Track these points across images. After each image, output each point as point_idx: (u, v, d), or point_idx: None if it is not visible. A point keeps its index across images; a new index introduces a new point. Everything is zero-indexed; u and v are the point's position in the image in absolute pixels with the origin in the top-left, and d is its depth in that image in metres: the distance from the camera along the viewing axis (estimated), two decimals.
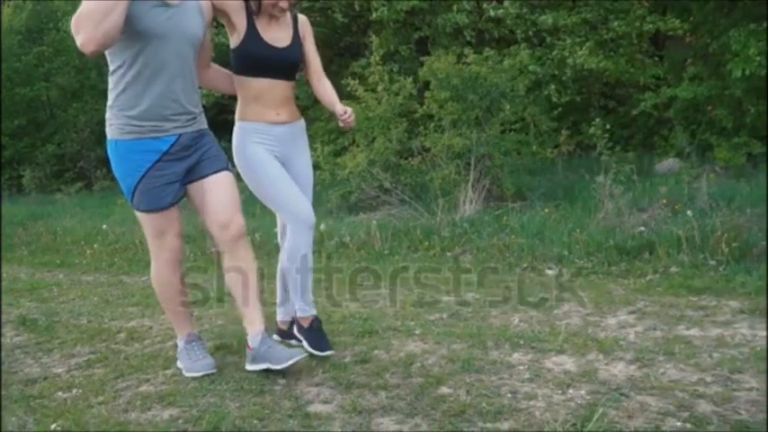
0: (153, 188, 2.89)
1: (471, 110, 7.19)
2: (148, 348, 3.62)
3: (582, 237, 5.19)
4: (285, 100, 3.12)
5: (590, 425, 2.24)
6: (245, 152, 3.08)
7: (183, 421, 2.55)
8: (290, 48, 3.08)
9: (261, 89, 3.05)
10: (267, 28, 3.04)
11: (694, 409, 2.37)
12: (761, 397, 2.44)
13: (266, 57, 3.01)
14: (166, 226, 3.00)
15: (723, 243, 4.47)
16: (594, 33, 10.04)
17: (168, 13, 2.78)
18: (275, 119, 3.09)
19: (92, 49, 2.56)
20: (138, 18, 2.68)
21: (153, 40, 2.74)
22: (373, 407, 2.57)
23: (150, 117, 2.82)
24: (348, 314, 3.91)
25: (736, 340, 3.07)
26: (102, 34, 2.54)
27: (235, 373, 3.04)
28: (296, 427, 2.43)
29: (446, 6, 11.06)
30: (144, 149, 2.85)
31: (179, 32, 2.80)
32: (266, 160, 3.06)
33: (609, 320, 3.55)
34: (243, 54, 3.03)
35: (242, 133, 3.10)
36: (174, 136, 2.90)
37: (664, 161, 9.55)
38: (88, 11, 2.55)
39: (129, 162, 2.88)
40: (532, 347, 3.15)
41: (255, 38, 3.00)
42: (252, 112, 3.09)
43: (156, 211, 2.95)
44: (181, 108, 2.89)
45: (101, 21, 2.53)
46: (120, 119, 2.83)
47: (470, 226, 6.01)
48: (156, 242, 3.04)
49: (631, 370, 2.79)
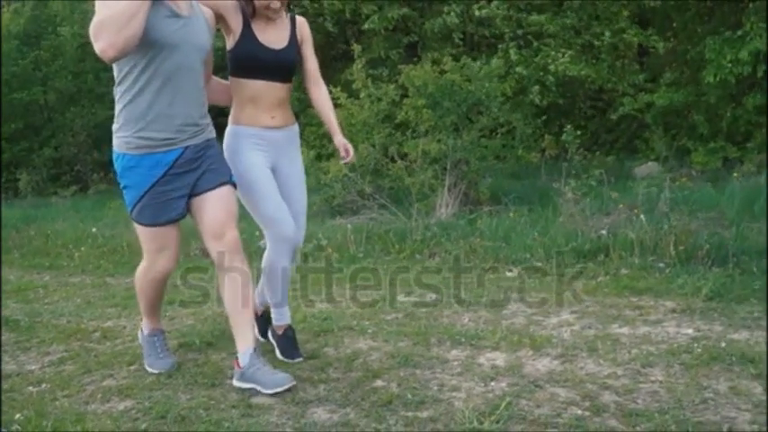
0: (157, 203, 2.90)
1: (447, 116, 7.41)
2: (119, 347, 3.84)
3: (544, 240, 5.41)
4: (280, 102, 3.12)
5: (497, 412, 2.47)
6: (237, 159, 3.08)
7: (136, 411, 2.79)
8: (285, 49, 3.09)
9: (256, 91, 3.06)
10: (263, 29, 3.05)
11: (598, 399, 2.60)
12: (661, 388, 2.67)
13: (261, 58, 3.03)
14: (166, 243, 3.00)
15: (671, 246, 4.69)
16: (578, 38, 10.27)
17: (179, 24, 2.80)
18: (269, 123, 3.09)
19: (112, 55, 2.56)
20: (151, 28, 2.69)
21: (163, 49, 2.75)
22: (311, 398, 2.80)
23: (159, 128, 2.83)
24: (309, 314, 4.14)
25: (659, 338, 3.29)
26: (124, 40, 2.55)
27: (192, 369, 3.27)
28: (236, 416, 2.66)
29: (435, 12, 11.32)
30: (151, 164, 2.86)
31: (189, 43, 2.83)
32: (257, 174, 3.07)
33: (551, 320, 3.78)
34: (238, 55, 3.04)
35: (235, 137, 3.11)
36: (181, 149, 2.90)
37: (643, 165, 9.76)
38: (110, 17, 2.55)
39: (135, 176, 2.88)
40: (471, 344, 3.38)
41: (251, 39, 3.02)
42: (246, 116, 3.09)
43: (156, 226, 2.95)
44: (189, 119, 2.90)
45: (122, 27, 2.54)
46: (128, 131, 2.84)
47: (442, 230, 6.22)
48: (152, 257, 3.04)
49: (554, 365, 3.02)
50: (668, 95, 9.41)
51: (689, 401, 2.52)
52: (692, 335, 3.29)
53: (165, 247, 3.01)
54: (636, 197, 6.35)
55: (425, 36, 11.44)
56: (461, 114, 7.55)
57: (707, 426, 2.31)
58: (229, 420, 2.61)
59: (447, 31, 10.93)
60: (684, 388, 2.64)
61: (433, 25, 10.91)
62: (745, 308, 3.65)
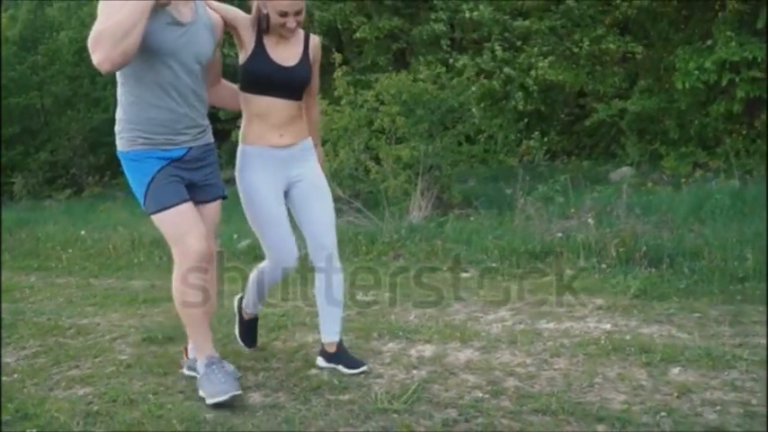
0: (165, 184, 2.88)
1: (421, 123, 7.72)
2: (90, 342, 4.15)
3: (501, 242, 5.72)
4: (290, 120, 3.10)
5: (406, 395, 2.78)
6: (244, 181, 3.11)
7: (92, 396, 3.11)
8: (297, 67, 3.07)
9: (265, 107, 3.05)
10: (275, 46, 3.04)
11: (500, 384, 2.91)
12: (559, 375, 2.98)
13: (272, 75, 3.01)
14: (186, 226, 2.88)
15: (612, 248, 4.99)
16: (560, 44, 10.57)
17: (180, 32, 2.81)
18: (278, 142, 3.07)
19: (108, 68, 2.59)
20: (150, 36, 2.70)
21: (162, 57, 2.77)
22: (250, 384, 3.12)
23: (162, 131, 2.86)
24: (269, 312, 4.44)
25: (577, 332, 3.60)
26: (121, 53, 2.56)
27: (150, 360, 3.59)
28: (180, 399, 2.99)
29: (423, 19, 11.66)
30: (156, 156, 2.88)
31: (189, 50, 2.84)
32: (262, 198, 3.07)
33: (489, 316, 4.08)
34: (249, 71, 3.04)
35: (244, 158, 3.11)
36: (185, 149, 2.94)
37: (618, 169, 10.07)
38: (108, 29, 2.56)
39: (140, 167, 2.89)
40: (407, 338, 3.69)
41: (262, 55, 3.01)
42: (254, 135, 3.08)
43: (171, 207, 2.87)
44: (191, 122, 2.93)
45: (120, 40, 2.55)
46: (131, 132, 2.87)
47: (411, 232, 6.53)
48: (179, 246, 2.90)
49: (474, 355, 3.33)
50: (641, 102, 9.73)
51: (578, 386, 2.83)
52: (607, 329, 3.60)
53: (188, 228, 2.88)
54: (599, 201, 6.68)
55: (414, 42, 11.77)
56: (435, 121, 7.86)
57: (583, 405, 2.62)
58: (172, 403, 2.93)
59: (435, 38, 11.26)
60: (579, 375, 2.96)
61: (421, 32, 11.24)
62: (664, 305, 3.95)
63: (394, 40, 12.11)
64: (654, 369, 2.96)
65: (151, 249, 7.27)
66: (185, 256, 2.88)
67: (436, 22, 11.04)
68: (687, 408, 2.54)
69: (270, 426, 2.67)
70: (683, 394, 2.66)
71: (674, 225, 5.64)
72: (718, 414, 2.48)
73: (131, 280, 6.22)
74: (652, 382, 2.82)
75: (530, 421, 2.53)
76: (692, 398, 2.64)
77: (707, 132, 9.27)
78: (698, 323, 3.58)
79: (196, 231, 2.88)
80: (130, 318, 4.69)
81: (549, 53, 10.28)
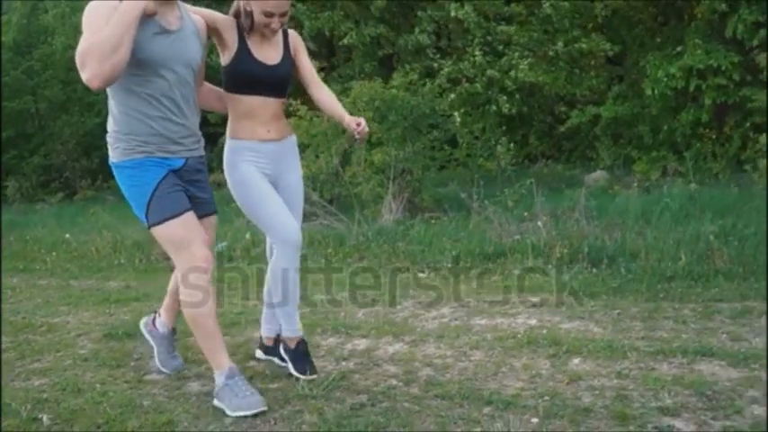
0: (167, 194, 2.85)
1: (393, 129, 7.99)
2: (56, 338, 4.42)
3: (459, 244, 5.98)
4: (275, 117, 3.15)
5: (326, 383, 3.05)
6: (235, 170, 3.12)
7: (46, 386, 3.38)
8: (280, 65, 3.12)
9: (252, 106, 3.09)
10: (258, 46, 3.08)
11: (416, 373, 3.18)
12: (472, 365, 3.24)
13: (257, 74, 3.05)
14: (189, 234, 2.87)
15: (557, 249, 5.26)
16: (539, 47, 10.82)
17: (169, 40, 2.80)
18: (266, 136, 3.12)
19: (98, 84, 2.56)
20: (140, 47, 2.68)
21: (155, 67, 2.76)
22: (191, 375, 3.39)
23: (159, 141, 2.84)
24: (227, 310, 4.70)
25: (503, 327, 3.86)
26: (110, 69, 2.53)
27: (106, 354, 3.86)
28: (125, 388, 3.26)
29: (410, 27, 11.96)
30: (154, 165, 2.85)
31: (180, 58, 2.83)
32: (255, 180, 3.09)
33: (431, 313, 4.34)
34: (234, 71, 3.07)
35: (233, 151, 3.14)
36: (182, 160, 2.94)
37: (593, 173, 10.32)
38: (95, 44, 2.53)
39: (140, 177, 2.85)
40: (347, 334, 3.95)
41: (247, 55, 3.04)
42: (242, 130, 3.11)
43: (175, 217, 2.85)
44: (186, 131, 2.94)
45: (109, 56, 2.52)
46: (128, 142, 2.84)
47: (377, 235, 6.80)
48: (183, 255, 2.87)
49: (403, 348, 3.59)
50: (614, 108, 9.98)
51: (483, 375, 3.10)
52: (531, 325, 3.86)
53: (191, 237, 2.87)
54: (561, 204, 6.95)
55: (400, 50, 12.07)
56: (408, 126, 8.13)
57: (481, 391, 2.89)
58: (114, 392, 3.20)
59: (420, 47, 11.56)
60: (489, 365, 3.22)
61: (406, 42, 11.55)
62: (591, 303, 4.21)
63: (380, 47, 12.41)
64: (557, 360, 3.22)
65: (132, 252, 7.55)
66: (189, 263, 2.86)
67: (421, 32, 11.36)
68: (570, 393, 2.81)
69: (200, 410, 2.93)
70: (573, 381, 2.93)
71: (624, 227, 5.89)
72: (594, 397, 2.74)
73: (109, 281, 6.48)
74: (551, 371, 3.08)
75: (428, 405, 2.79)
76: (580, 384, 2.90)
77: (676, 137, 9.52)
78: (615, 319, 3.84)
79: (200, 239, 2.89)
80: (100, 316, 4.95)
81: (529, 55, 10.54)
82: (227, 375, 2.92)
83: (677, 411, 2.54)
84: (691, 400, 2.64)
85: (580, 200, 6.72)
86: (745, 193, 6.73)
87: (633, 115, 10.11)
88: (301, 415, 2.78)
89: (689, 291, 4.27)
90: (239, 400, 2.84)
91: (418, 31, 11.40)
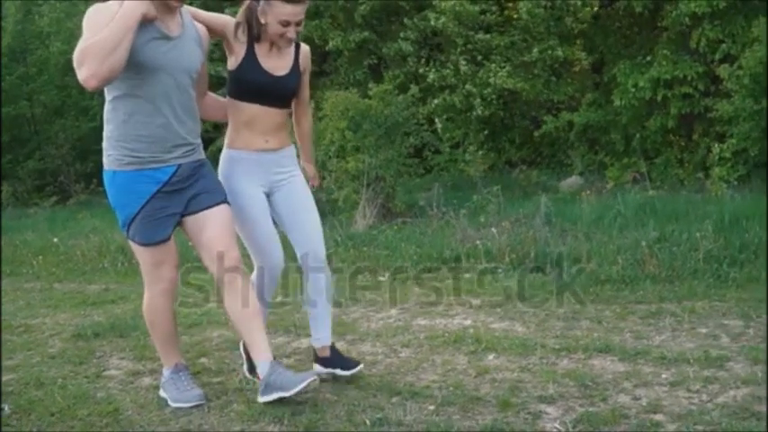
0: (152, 220, 2.89)
1: (366, 137, 8.32)
2: (31, 339, 4.74)
3: (420, 249, 6.30)
4: (277, 127, 3.11)
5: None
6: (230, 184, 3.11)
7: (13, 381, 3.70)
8: (288, 76, 3.09)
9: (253, 115, 3.06)
10: (267, 55, 3.05)
11: None
12: (398, 360, 3.57)
13: (262, 84, 3.02)
14: (164, 257, 3.00)
15: (506, 253, 5.58)
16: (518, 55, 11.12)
17: (168, 46, 2.80)
18: (263, 146, 3.09)
19: (95, 84, 2.58)
20: (138, 50, 2.69)
21: (152, 72, 2.76)
22: (145, 371, 3.72)
23: (150, 149, 2.84)
24: (190, 311, 4.99)
25: (439, 327, 4.18)
26: (108, 69, 2.55)
27: (72, 352, 4.18)
28: (84, 382, 3.59)
29: (395, 34, 12.28)
30: (144, 180, 2.86)
31: (178, 64, 2.83)
32: (250, 200, 3.09)
33: (380, 314, 4.66)
34: (239, 79, 3.05)
35: (229, 162, 3.14)
36: (174, 167, 2.91)
37: (568, 179, 10.64)
38: (93, 45, 2.56)
39: (128, 193, 2.89)
40: (297, 333, 4.27)
41: (253, 64, 3.02)
42: (240, 140, 3.09)
43: (154, 245, 2.96)
44: (181, 139, 2.91)
45: (107, 56, 2.54)
46: (119, 150, 2.84)
47: (347, 240, 7.12)
48: (153, 273, 3.02)
49: (342, 347, 3.88)
50: (587, 115, 10.30)
51: (405, 369, 3.42)
52: (465, 325, 4.18)
53: (164, 260, 3.01)
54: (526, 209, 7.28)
55: (385, 57, 12.40)
56: (381, 135, 8.46)
57: (397, 383, 3.21)
58: (75, 385, 3.53)
59: (403, 55, 11.89)
60: (413, 361, 3.55)
61: (390, 50, 11.88)
62: (526, 304, 4.52)
63: (367, 54, 12.73)
64: (474, 356, 3.54)
65: (116, 255, 7.83)
66: (158, 280, 3.04)
67: (404, 40, 11.68)
68: (473, 384, 3.14)
69: (146, 401, 3.27)
70: (480, 375, 3.26)
71: (575, 233, 6.21)
72: (491, 388, 3.07)
73: (91, 284, 6.80)
74: (465, 367, 3.41)
75: (346, 395, 3.11)
76: (485, 377, 3.23)
77: (647, 144, 9.83)
78: (542, 320, 4.16)
79: (171, 263, 3.02)
80: (76, 318, 5.26)
81: (507, 63, 10.84)
82: (172, 370, 3.20)
83: (553, 399, 2.87)
84: (571, 390, 2.97)
85: (540, 206, 7.06)
86: (694, 199, 7.04)
87: (606, 122, 10.41)
88: (232, 405, 3.10)
89: (617, 294, 4.58)
90: (179, 393, 3.14)
91: (401, 38, 11.73)
